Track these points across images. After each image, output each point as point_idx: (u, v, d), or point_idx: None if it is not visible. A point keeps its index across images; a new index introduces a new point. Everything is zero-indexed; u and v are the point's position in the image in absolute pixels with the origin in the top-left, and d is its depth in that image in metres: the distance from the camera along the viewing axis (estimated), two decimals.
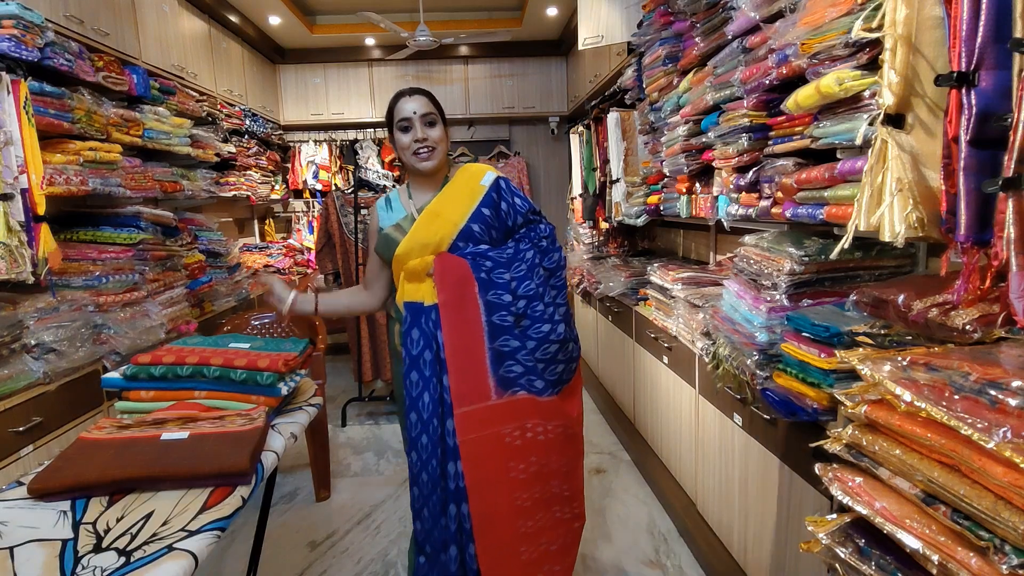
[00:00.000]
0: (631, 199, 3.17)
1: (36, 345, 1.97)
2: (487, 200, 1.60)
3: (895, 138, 1.07)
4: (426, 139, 1.58)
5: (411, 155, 1.60)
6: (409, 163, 1.62)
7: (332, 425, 3.52)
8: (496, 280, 1.50)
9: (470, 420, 1.44)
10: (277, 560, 2.22)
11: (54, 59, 2.18)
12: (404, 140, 1.60)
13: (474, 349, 1.46)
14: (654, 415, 2.69)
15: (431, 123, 1.60)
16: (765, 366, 1.52)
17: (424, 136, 1.58)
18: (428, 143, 1.59)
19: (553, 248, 1.60)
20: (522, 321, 1.50)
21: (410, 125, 1.59)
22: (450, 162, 1.73)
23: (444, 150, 1.63)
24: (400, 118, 1.59)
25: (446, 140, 1.64)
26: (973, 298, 0.99)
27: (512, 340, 1.48)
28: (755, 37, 1.72)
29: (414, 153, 1.59)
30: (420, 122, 1.58)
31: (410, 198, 1.67)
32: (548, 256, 1.58)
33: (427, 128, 1.59)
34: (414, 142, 1.58)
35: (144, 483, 1.19)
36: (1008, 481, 0.71)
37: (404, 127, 1.59)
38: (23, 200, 1.91)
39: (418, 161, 1.60)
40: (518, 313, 1.50)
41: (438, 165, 1.63)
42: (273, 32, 4.91)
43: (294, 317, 2.96)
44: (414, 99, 1.59)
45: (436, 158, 1.60)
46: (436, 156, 1.60)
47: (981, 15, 0.90)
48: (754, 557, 1.75)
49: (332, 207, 3.74)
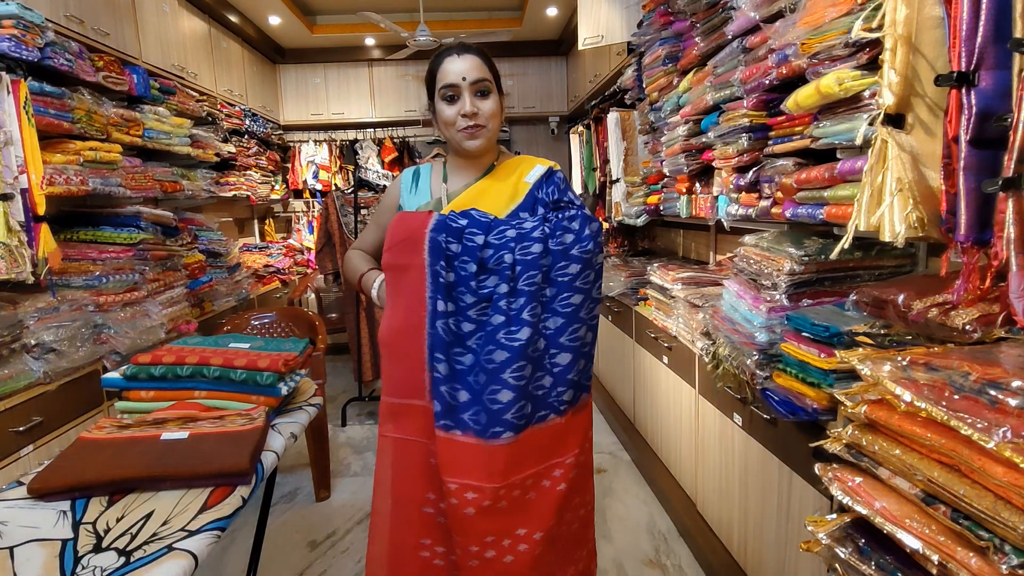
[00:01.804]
0: (631, 199, 3.17)
1: (36, 345, 1.97)
2: (527, 203, 1.29)
3: (895, 138, 1.07)
4: (476, 113, 1.24)
5: (456, 131, 1.27)
6: (452, 138, 1.29)
7: (332, 425, 3.52)
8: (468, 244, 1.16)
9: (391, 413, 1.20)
10: (277, 560, 2.22)
11: (54, 59, 2.18)
12: (448, 113, 1.26)
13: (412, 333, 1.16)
14: (654, 415, 2.69)
15: (483, 92, 1.25)
16: (765, 366, 1.52)
17: (474, 110, 1.24)
18: (479, 119, 1.25)
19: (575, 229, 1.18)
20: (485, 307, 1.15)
21: (457, 94, 1.24)
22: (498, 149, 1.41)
23: (497, 127, 1.30)
24: (444, 84, 1.24)
25: (500, 115, 1.29)
26: (973, 298, 0.99)
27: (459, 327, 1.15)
28: (755, 37, 1.72)
29: (461, 130, 1.26)
30: (470, 91, 1.23)
31: (444, 181, 1.36)
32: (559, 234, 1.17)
33: (478, 99, 1.25)
34: (461, 117, 1.24)
35: (144, 483, 1.19)
36: (1008, 481, 0.71)
37: (449, 96, 1.25)
38: (23, 200, 1.91)
39: (464, 138, 1.27)
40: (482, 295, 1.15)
41: (487, 145, 1.30)
42: (273, 32, 4.91)
43: (294, 317, 2.97)
44: (465, 58, 1.23)
45: (486, 136, 1.28)
46: (486, 134, 1.27)
47: (981, 15, 0.90)
48: (754, 557, 1.75)
49: (332, 207, 3.74)
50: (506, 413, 1.11)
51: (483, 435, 1.11)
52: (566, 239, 1.17)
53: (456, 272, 1.16)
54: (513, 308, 1.13)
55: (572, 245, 1.17)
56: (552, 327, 1.16)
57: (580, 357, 1.18)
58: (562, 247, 1.16)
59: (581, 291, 1.17)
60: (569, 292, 1.16)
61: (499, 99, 1.29)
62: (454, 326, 1.16)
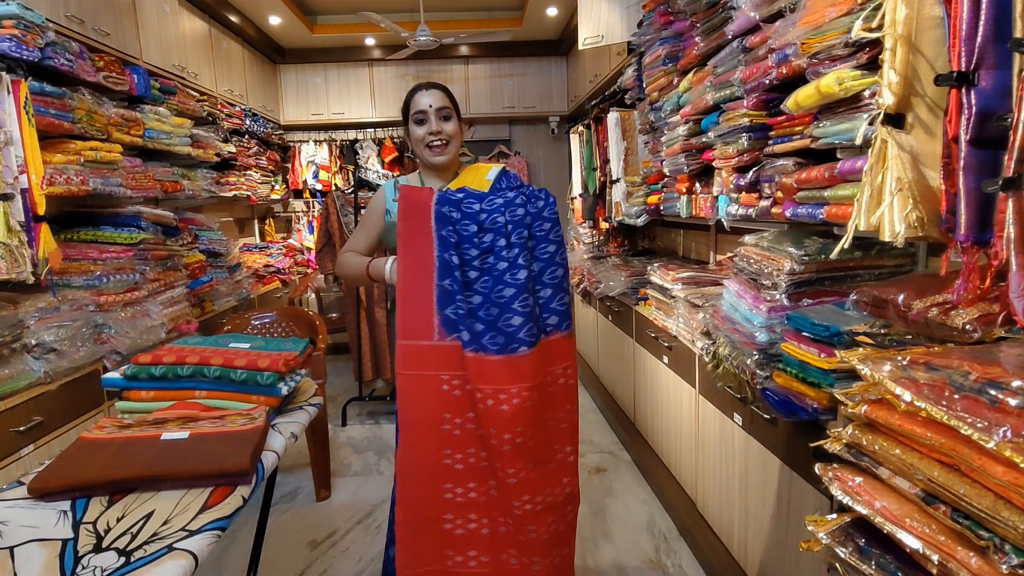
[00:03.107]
0: (631, 199, 3.17)
1: (37, 345, 1.97)
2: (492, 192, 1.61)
3: (895, 138, 1.07)
4: (440, 132, 1.63)
5: (424, 147, 1.64)
6: (422, 155, 1.67)
7: (332, 425, 3.52)
8: (467, 211, 1.46)
9: (408, 354, 1.43)
10: (277, 560, 2.22)
11: (55, 59, 2.18)
12: (419, 132, 1.64)
13: (422, 284, 1.43)
14: (654, 415, 2.69)
15: (446, 117, 1.64)
16: (765, 366, 1.52)
17: (439, 129, 1.63)
18: (442, 136, 1.64)
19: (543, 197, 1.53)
20: (487, 258, 1.45)
21: (425, 118, 1.63)
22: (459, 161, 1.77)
23: (457, 144, 1.68)
24: (416, 111, 1.64)
25: (460, 135, 1.68)
26: (973, 298, 0.99)
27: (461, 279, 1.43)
28: (755, 37, 1.72)
29: (427, 146, 1.64)
30: (435, 116, 1.63)
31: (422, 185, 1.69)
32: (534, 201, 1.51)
33: (442, 122, 1.64)
34: (428, 135, 1.63)
35: (144, 483, 1.19)
36: (1008, 480, 0.71)
37: (419, 120, 1.64)
38: (23, 200, 1.91)
39: (431, 154, 1.64)
40: (483, 248, 1.45)
41: (450, 159, 1.67)
42: (273, 32, 4.91)
43: (294, 318, 2.97)
44: (430, 93, 1.64)
45: (449, 153, 1.65)
46: (449, 150, 1.65)
47: (981, 15, 0.90)
48: (754, 556, 1.75)
49: (332, 207, 3.74)
50: (519, 333, 1.41)
51: (504, 351, 1.40)
52: (538, 204, 1.52)
53: (459, 233, 1.45)
54: (511, 256, 1.44)
55: (543, 208, 1.52)
56: (536, 269, 1.49)
57: (559, 291, 1.51)
58: (536, 210, 1.51)
59: (553, 242, 1.52)
60: (545, 243, 1.50)
61: (458, 123, 1.67)
62: (461, 276, 1.43)
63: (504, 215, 1.46)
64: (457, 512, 1.45)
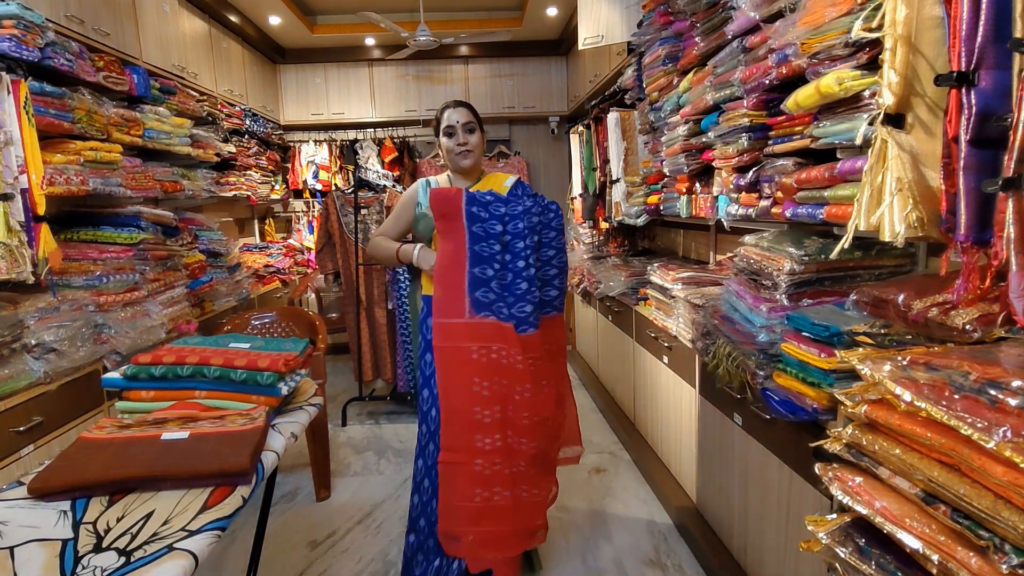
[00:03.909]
0: (631, 199, 3.17)
1: (37, 345, 1.97)
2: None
3: (895, 138, 1.07)
4: (466, 143, 1.94)
5: (454, 155, 1.94)
6: (451, 161, 1.97)
7: (332, 425, 3.52)
8: (494, 212, 1.76)
9: (444, 330, 1.75)
10: (277, 560, 2.22)
11: (54, 59, 2.18)
12: (448, 143, 1.95)
13: (457, 270, 1.73)
14: (654, 414, 2.69)
15: (471, 130, 1.94)
16: (765, 366, 1.52)
17: (465, 141, 1.93)
18: (468, 146, 1.94)
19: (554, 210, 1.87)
20: (506, 254, 1.76)
21: (454, 132, 1.93)
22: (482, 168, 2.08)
23: (480, 152, 1.99)
24: (446, 125, 1.94)
25: (482, 144, 2.00)
26: (973, 298, 0.99)
27: (489, 269, 1.74)
28: (755, 37, 1.72)
29: (456, 154, 1.94)
30: (462, 129, 1.93)
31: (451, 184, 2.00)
32: (546, 212, 1.85)
33: (467, 134, 1.94)
34: (457, 145, 1.93)
35: (144, 483, 1.19)
36: (1008, 480, 0.71)
37: (449, 133, 1.94)
38: (23, 200, 1.91)
39: (459, 159, 1.94)
40: (505, 242, 1.76)
41: (475, 163, 1.98)
42: (273, 32, 4.91)
43: (294, 317, 2.97)
44: (458, 111, 1.94)
45: (473, 158, 1.96)
46: (473, 156, 1.95)
47: (981, 15, 0.90)
48: (754, 557, 1.75)
49: (332, 207, 3.74)
50: (529, 317, 1.76)
51: (517, 329, 1.74)
52: (548, 215, 1.86)
53: (487, 231, 1.76)
54: (526, 255, 1.76)
55: (551, 219, 1.87)
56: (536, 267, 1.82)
57: (550, 287, 1.88)
58: (547, 220, 1.86)
59: (554, 247, 1.87)
60: (547, 248, 1.86)
61: (481, 135, 1.98)
62: (488, 267, 1.74)
63: (523, 220, 1.76)
64: (486, 458, 1.74)
